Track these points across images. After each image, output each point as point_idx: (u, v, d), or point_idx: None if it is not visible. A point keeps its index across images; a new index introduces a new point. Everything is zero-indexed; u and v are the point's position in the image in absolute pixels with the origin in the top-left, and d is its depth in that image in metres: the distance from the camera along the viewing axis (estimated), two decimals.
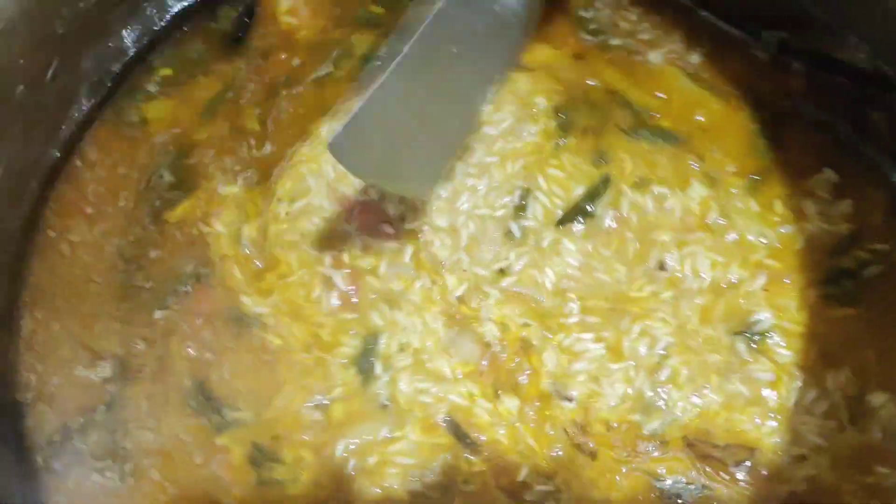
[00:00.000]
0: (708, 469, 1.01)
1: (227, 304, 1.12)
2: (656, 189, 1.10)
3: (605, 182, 1.11)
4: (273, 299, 1.11)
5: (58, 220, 1.19)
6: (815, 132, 1.12)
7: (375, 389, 1.07)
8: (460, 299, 1.08)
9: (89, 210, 1.19)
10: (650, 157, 1.12)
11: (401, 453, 1.04)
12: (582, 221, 1.10)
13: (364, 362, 1.08)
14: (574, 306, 1.07)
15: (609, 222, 1.10)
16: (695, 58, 1.19)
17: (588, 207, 1.10)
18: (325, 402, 1.07)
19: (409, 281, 1.09)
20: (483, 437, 1.04)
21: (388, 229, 1.11)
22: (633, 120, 1.14)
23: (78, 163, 1.22)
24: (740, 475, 1.01)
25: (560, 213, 1.10)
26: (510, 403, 1.05)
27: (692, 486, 1.02)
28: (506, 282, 1.09)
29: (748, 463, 1.01)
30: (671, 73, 1.18)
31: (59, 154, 1.21)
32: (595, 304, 1.08)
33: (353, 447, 1.05)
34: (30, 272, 1.16)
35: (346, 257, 1.11)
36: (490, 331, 1.07)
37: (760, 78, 1.16)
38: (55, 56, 1.11)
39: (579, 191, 1.10)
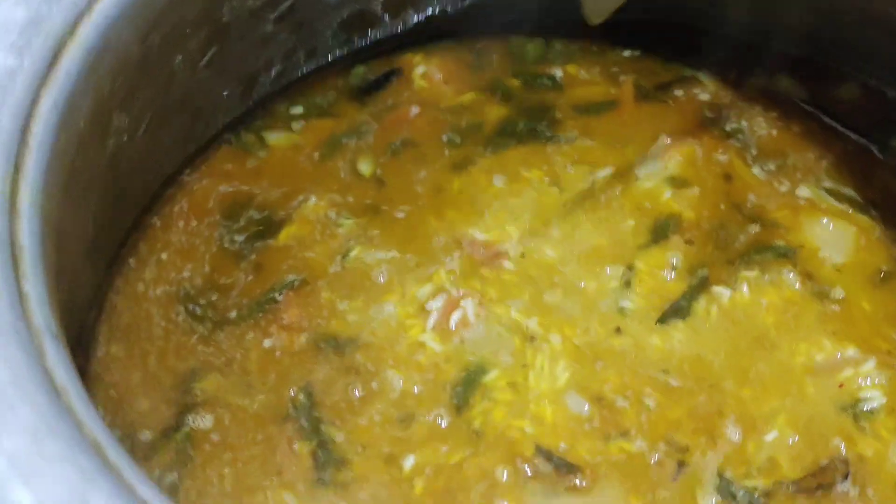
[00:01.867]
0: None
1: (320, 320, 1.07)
2: None
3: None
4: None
5: (153, 234, 1.16)
6: None
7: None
8: None
9: (182, 234, 1.17)
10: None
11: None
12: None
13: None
14: None
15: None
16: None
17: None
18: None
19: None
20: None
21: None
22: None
23: (188, 178, 1.21)
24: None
25: None
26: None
27: None
28: None
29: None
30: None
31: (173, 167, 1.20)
32: None
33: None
34: (109, 297, 1.11)
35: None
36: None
37: None
38: (215, 43, 1.11)
39: None
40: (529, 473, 0.97)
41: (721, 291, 1.10)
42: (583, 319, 1.08)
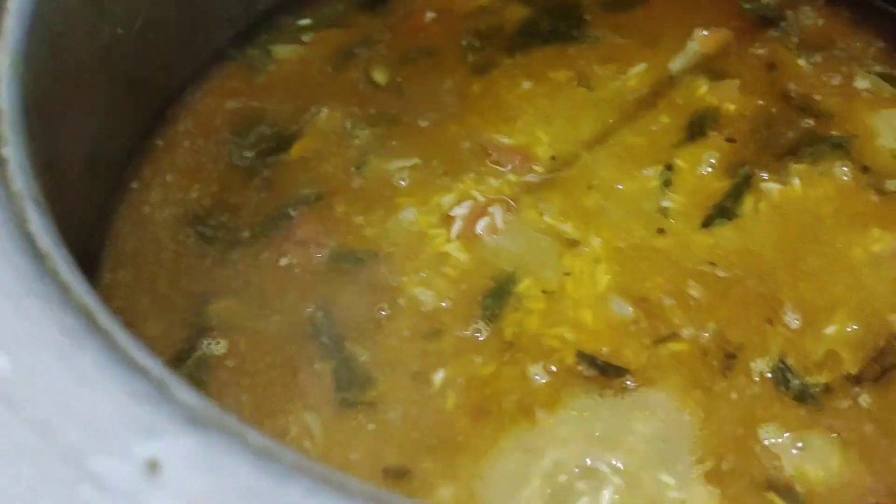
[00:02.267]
0: None
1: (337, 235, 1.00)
2: None
3: None
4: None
5: (157, 156, 1.09)
6: None
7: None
8: None
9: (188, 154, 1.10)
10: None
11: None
12: None
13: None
14: None
15: None
16: None
17: None
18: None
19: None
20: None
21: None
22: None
23: (191, 97, 1.13)
24: None
25: None
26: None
27: None
28: None
29: None
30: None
31: (175, 85, 1.12)
32: None
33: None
34: (113, 223, 1.05)
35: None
36: None
37: None
38: None
39: None
40: (571, 378, 0.90)
41: (770, 187, 1.02)
42: (623, 221, 1.00)
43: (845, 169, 1.02)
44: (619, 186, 1.03)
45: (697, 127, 1.07)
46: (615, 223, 1.00)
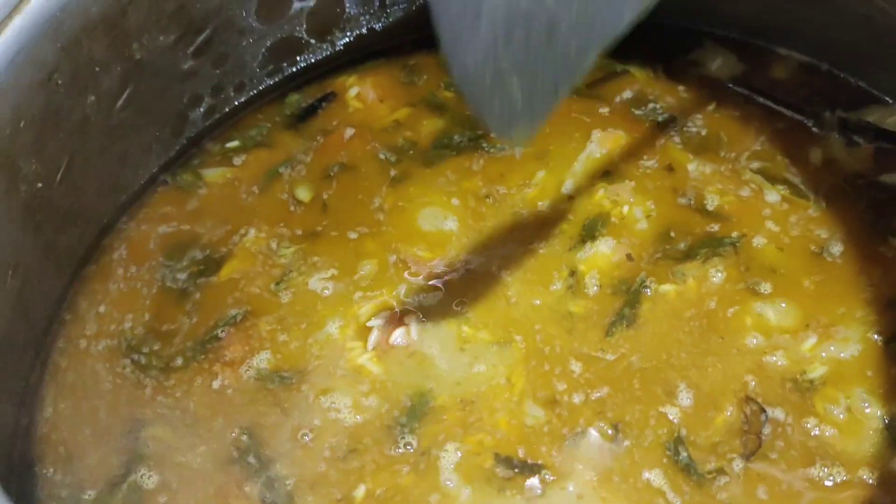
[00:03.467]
0: None
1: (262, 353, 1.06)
2: None
3: None
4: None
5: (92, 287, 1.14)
6: None
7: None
8: None
9: (122, 282, 1.15)
10: None
11: None
12: None
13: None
14: None
15: None
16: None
17: None
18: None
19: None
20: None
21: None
22: None
23: (124, 226, 1.19)
24: None
25: None
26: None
27: None
28: None
29: None
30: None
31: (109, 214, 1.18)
32: None
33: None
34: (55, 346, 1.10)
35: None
36: None
37: None
38: (130, 82, 1.09)
39: None
40: (490, 481, 0.96)
41: (666, 288, 1.08)
42: (535, 326, 1.06)
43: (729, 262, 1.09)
44: (533, 297, 1.08)
45: (591, 230, 1.12)
46: (527, 329, 1.06)
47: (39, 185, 0.98)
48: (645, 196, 1.14)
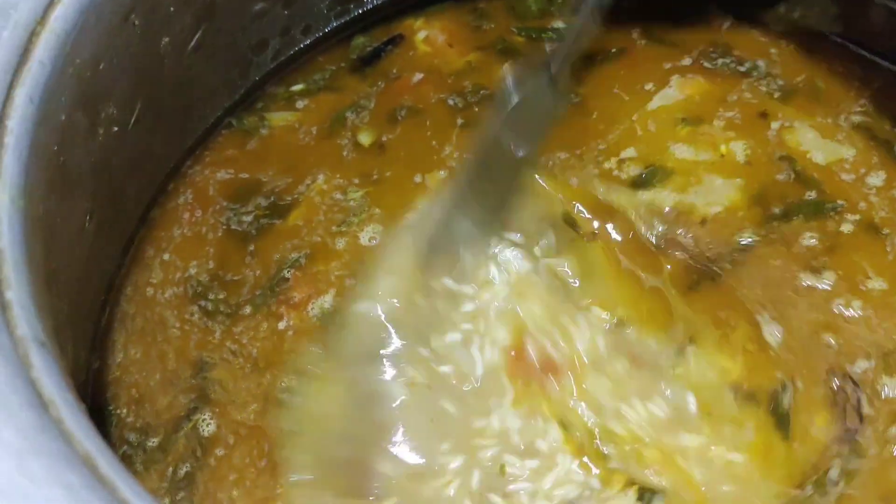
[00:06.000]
0: None
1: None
2: None
3: None
4: None
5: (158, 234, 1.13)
6: None
7: None
8: None
9: (187, 227, 1.14)
10: None
11: None
12: None
13: None
14: None
15: None
16: None
17: None
18: None
19: None
20: None
21: None
22: None
23: (190, 170, 1.17)
24: None
25: None
26: None
27: None
28: None
29: None
30: None
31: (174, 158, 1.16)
32: None
33: None
34: (123, 292, 1.09)
35: None
36: None
37: None
38: (202, 23, 1.07)
39: None
40: None
41: None
42: None
43: None
44: None
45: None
46: None
47: (115, 128, 0.96)
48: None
